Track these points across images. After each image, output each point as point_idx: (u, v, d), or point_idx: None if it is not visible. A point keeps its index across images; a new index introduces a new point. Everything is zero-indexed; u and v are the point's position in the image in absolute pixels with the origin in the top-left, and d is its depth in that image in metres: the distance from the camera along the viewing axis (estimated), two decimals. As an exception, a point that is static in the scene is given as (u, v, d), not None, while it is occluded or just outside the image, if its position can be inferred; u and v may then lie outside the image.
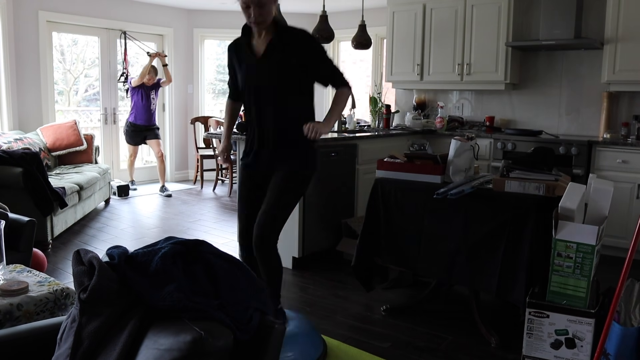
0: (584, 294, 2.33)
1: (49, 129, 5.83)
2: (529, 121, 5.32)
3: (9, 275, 2.25)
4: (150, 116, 6.70)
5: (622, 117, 4.77)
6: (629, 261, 1.82)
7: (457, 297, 3.49)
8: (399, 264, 3.17)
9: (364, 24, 5.58)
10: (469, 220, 2.84)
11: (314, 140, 2.57)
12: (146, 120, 6.65)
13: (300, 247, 3.99)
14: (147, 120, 6.66)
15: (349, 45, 5.86)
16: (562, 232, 2.33)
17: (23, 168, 4.26)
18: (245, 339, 1.31)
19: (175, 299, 1.26)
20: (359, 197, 4.43)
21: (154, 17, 7.38)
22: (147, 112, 6.64)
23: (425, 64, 5.55)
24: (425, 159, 3.10)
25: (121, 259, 1.36)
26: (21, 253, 2.92)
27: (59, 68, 6.77)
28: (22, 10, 5.98)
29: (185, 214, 5.80)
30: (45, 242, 4.31)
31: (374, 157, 4.24)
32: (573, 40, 4.65)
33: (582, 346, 2.31)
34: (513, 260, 2.71)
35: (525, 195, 2.72)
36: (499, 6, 5.04)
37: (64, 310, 2.10)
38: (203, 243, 1.43)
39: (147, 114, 6.64)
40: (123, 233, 5.01)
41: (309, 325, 2.83)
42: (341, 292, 3.58)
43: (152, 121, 6.73)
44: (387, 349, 2.78)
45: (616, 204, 4.04)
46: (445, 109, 5.72)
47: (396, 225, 3.07)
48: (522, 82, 5.32)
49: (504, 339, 2.87)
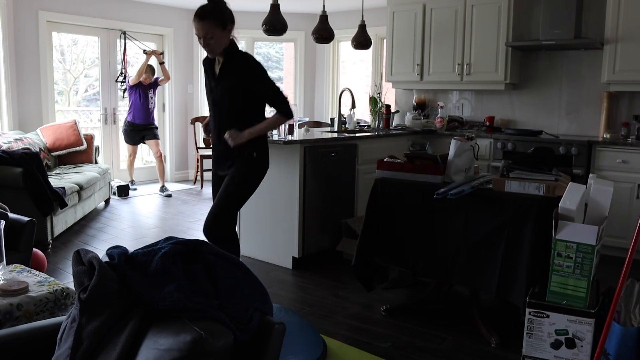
0: (584, 294, 2.33)
1: (49, 129, 5.83)
2: (529, 121, 5.32)
3: (9, 275, 2.25)
4: (149, 115, 6.69)
5: (622, 117, 4.77)
6: (629, 261, 1.82)
7: (457, 297, 3.49)
8: (399, 264, 3.17)
9: (364, 24, 5.58)
10: (469, 220, 2.84)
11: (257, 150, 2.99)
12: (144, 119, 6.64)
13: (300, 247, 3.99)
14: (145, 119, 6.65)
15: (349, 45, 5.86)
16: (562, 232, 2.33)
17: (23, 168, 4.26)
18: (245, 339, 1.31)
19: (175, 299, 1.26)
20: (359, 197, 4.43)
21: (154, 17, 7.38)
22: (145, 111, 6.63)
23: (425, 64, 5.55)
24: (425, 159, 3.10)
25: (121, 259, 1.36)
26: (21, 253, 2.92)
27: (59, 68, 6.77)
28: (22, 10, 5.98)
29: (185, 214, 5.81)
30: (45, 242, 4.31)
31: (374, 157, 4.25)
32: (573, 40, 4.65)
33: (582, 346, 2.31)
34: (513, 260, 2.71)
35: (525, 195, 2.72)
36: (499, 6, 5.04)
37: (64, 310, 2.10)
38: (203, 243, 1.43)
39: (145, 113, 6.64)
40: (123, 233, 5.01)
41: (309, 325, 2.83)
42: (341, 292, 3.58)
43: (150, 120, 6.73)
44: (387, 349, 2.78)
45: (616, 204, 4.04)
46: (445, 109, 5.72)
47: (396, 225, 3.07)
48: (522, 82, 5.32)
49: (504, 339, 2.87)
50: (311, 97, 8.18)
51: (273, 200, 4.07)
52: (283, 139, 3.85)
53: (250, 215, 4.22)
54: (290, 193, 3.96)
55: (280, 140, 3.83)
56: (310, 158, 3.96)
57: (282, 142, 3.83)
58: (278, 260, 4.12)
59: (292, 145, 3.88)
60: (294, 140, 3.87)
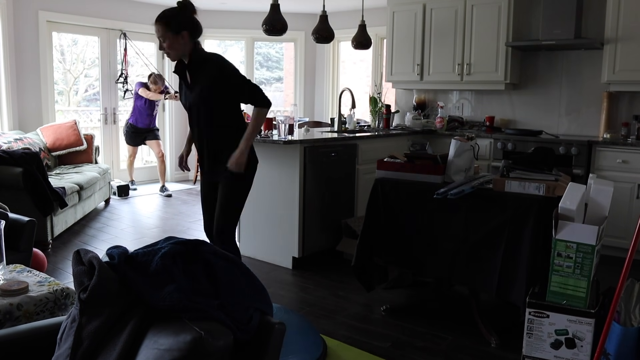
0: (584, 294, 2.33)
1: (49, 129, 5.83)
2: (529, 121, 5.32)
3: (9, 275, 2.25)
4: (152, 120, 6.71)
5: (622, 117, 4.76)
6: (629, 261, 1.82)
7: (457, 297, 3.49)
8: (399, 264, 3.17)
9: (364, 24, 5.58)
10: (469, 220, 2.84)
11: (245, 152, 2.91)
12: (147, 124, 6.67)
13: (300, 247, 3.99)
14: (148, 124, 6.68)
15: (349, 45, 5.86)
16: (562, 232, 2.33)
17: (23, 168, 4.26)
18: (245, 339, 1.31)
19: (176, 299, 1.26)
20: (359, 197, 4.43)
21: (154, 17, 7.30)
22: (149, 117, 6.65)
23: (425, 64, 5.55)
24: (425, 159, 3.10)
25: (121, 259, 1.36)
26: (21, 253, 2.92)
27: (59, 68, 6.77)
28: (22, 10, 5.98)
29: (185, 214, 5.80)
30: (45, 242, 4.31)
31: (374, 157, 4.25)
32: (573, 40, 4.65)
33: (582, 346, 2.31)
34: (513, 260, 2.71)
35: (525, 195, 2.72)
36: (499, 6, 5.04)
37: (64, 310, 2.10)
38: (203, 243, 1.43)
39: (148, 119, 6.66)
40: (123, 233, 5.01)
41: (308, 325, 2.83)
42: (341, 292, 3.58)
43: (152, 125, 6.74)
44: (387, 349, 2.78)
45: (616, 204, 4.04)
46: (445, 109, 5.72)
47: (396, 226, 3.07)
48: (522, 82, 5.32)
49: (504, 339, 2.87)
50: (311, 97, 8.18)
51: (273, 200, 4.07)
52: (283, 139, 3.85)
53: (250, 215, 4.22)
54: (290, 193, 3.96)
55: (280, 140, 3.83)
56: (310, 158, 3.96)
57: (282, 142, 3.82)
58: (278, 260, 4.12)
59: (292, 145, 3.88)
60: (294, 140, 3.87)
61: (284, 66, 8.86)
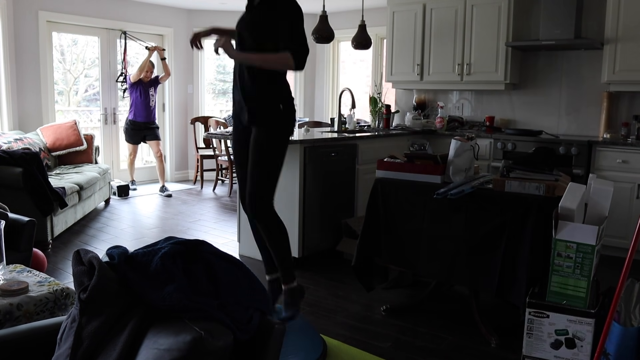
0: (584, 294, 2.33)
1: (49, 129, 5.83)
2: (529, 121, 5.32)
3: (9, 275, 2.25)
4: (150, 113, 6.69)
5: (622, 117, 4.77)
6: (629, 261, 1.82)
7: (457, 297, 3.49)
8: (399, 264, 3.17)
9: (364, 24, 5.58)
10: (469, 220, 2.84)
11: (279, 99, 2.76)
12: (145, 117, 6.64)
13: (300, 247, 3.99)
14: (146, 117, 6.64)
15: (349, 45, 5.86)
16: (562, 232, 2.33)
17: (23, 168, 4.26)
18: (245, 339, 1.31)
19: (176, 299, 1.26)
20: (359, 197, 4.43)
21: (154, 17, 7.38)
22: (146, 108, 6.63)
23: (425, 64, 5.55)
24: (425, 159, 3.10)
25: (121, 259, 1.36)
26: (21, 253, 2.92)
27: (59, 68, 6.77)
28: (22, 10, 5.98)
29: (185, 214, 5.80)
30: (45, 242, 4.30)
31: (374, 157, 4.25)
32: (573, 40, 4.65)
33: (582, 346, 2.31)
34: (513, 260, 2.71)
35: (525, 195, 2.72)
36: (499, 6, 5.04)
37: (64, 310, 2.10)
38: (203, 243, 1.43)
39: (146, 111, 6.64)
40: (123, 233, 5.01)
41: (308, 326, 2.83)
42: (341, 292, 3.58)
43: (151, 118, 6.72)
44: (387, 349, 2.78)
45: (616, 204, 4.04)
46: (445, 109, 5.72)
47: (396, 225, 3.07)
48: (522, 82, 5.32)
49: (504, 339, 2.87)
50: (311, 97, 8.18)
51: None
52: (283, 139, 3.84)
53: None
54: (290, 193, 3.96)
55: (280, 140, 3.83)
56: (310, 158, 3.96)
57: (282, 142, 3.82)
58: (278, 260, 4.11)
59: (292, 145, 3.88)
60: (294, 140, 3.87)
61: (284, 66, 8.85)
